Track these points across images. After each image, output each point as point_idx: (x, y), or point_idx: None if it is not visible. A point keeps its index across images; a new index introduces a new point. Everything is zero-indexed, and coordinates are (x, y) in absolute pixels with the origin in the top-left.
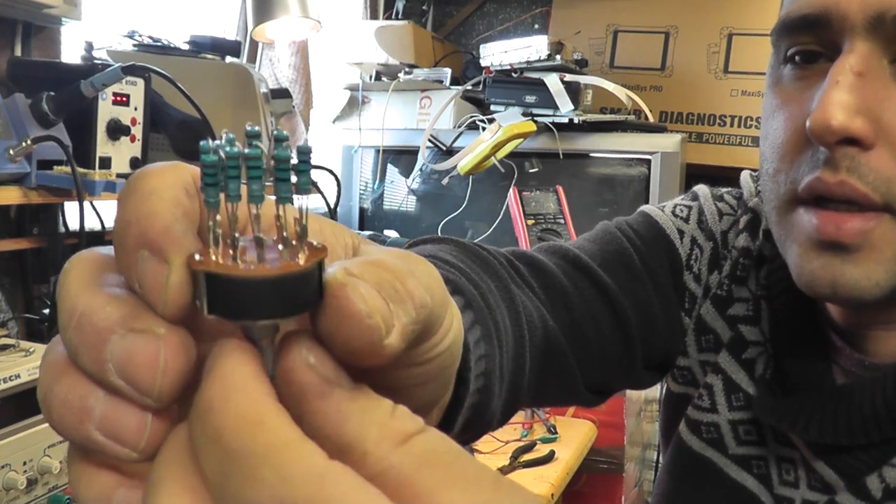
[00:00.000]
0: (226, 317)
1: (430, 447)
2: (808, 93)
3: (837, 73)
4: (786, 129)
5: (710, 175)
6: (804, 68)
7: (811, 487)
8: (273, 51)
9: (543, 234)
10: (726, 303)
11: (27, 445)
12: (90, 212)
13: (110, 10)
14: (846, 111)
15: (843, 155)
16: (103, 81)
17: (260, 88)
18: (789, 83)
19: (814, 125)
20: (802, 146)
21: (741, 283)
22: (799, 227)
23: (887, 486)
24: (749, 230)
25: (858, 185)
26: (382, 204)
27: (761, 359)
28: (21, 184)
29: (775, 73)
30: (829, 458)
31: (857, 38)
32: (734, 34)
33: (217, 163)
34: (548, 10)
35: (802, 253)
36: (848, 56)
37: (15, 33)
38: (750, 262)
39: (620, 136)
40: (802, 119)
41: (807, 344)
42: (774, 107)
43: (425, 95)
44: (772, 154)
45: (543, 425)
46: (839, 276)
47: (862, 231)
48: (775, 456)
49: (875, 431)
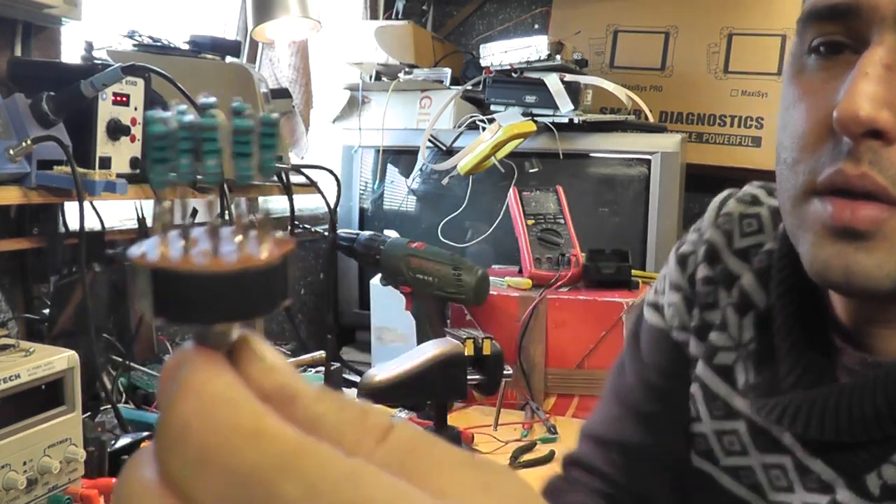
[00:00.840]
0: (175, 320)
1: (408, 436)
2: (831, 84)
3: (867, 65)
4: (808, 119)
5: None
6: (829, 59)
7: (808, 489)
8: (273, 51)
9: (543, 234)
10: (704, 329)
11: (27, 445)
12: (90, 212)
13: (110, 10)
14: (874, 103)
15: (867, 148)
16: (103, 81)
17: (260, 88)
18: (812, 73)
19: (841, 115)
20: (825, 137)
21: (712, 307)
22: (814, 215)
23: (885, 483)
24: (707, 259)
25: (879, 178)
26: (382, 204)
27: (739, 364)
28: (21, 184)
29: (798, 61)
30: (827, 456)
31: (888, 30)
32: (734, 34)
33: (167, 135)
34: (548, 10)
35: (816, 241)
36: (877, 48)
37: (15, 33)
38: (713, 286)
39: (620, 136)
40: (825, 110)
41: (808, 343)
42: (796, 97)
43: (425, 95)
44: (792, 144)
45: (543, 425)
46: (853, 263)
47: (876, 220)
48: (760, 464)
49: (876, 429)
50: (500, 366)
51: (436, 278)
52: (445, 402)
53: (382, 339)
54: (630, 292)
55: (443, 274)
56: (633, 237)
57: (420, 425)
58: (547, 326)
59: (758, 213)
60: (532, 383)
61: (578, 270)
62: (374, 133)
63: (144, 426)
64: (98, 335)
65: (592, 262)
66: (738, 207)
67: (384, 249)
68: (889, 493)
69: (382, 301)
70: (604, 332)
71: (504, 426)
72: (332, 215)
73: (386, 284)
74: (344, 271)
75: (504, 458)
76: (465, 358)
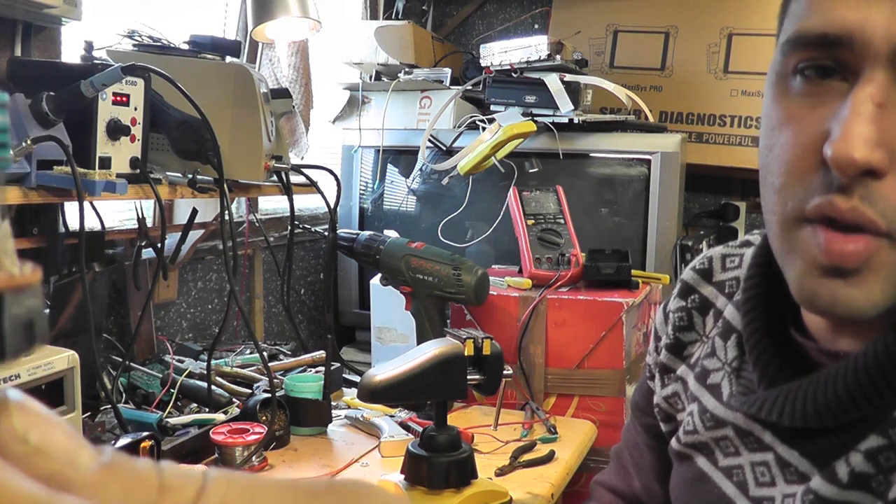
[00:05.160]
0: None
1: (221, 494)
2: (819, 111)
3: (859, 104)
4: (795, 145)
5: (710, 175)
6: (816, 83)
7: (788, 481)
8: (273, 51)
9: (543, 234)
10: (678, 347)
11: None
12: (90, 212)
13: (110, 10)
14: (868, 145)
15: (859, 183)
16: (103, 81)
17: (260, 88)
18: (799, 98)
19: (836, 156)
20: (813, 166)
21: (686, 329)
22: (804, 244)
23: (853, 470)
24: (680, 295)
25: (869, 212)
26: (382, 204)
27: (725, 380)
28: (21, 184)
29: (782, 82)
30: (801, 445)
31: (879, 66)
32: (734, 34)
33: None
34: (548, 10)
35: (806, 270)
36: (868, 85)
37: (15, 33)
38: (686, 312)
39: (620, 136)
40: (813, 138)
41: (777, 349)
42: (781, 120)
43: (425, 95)
44: (778, 169)
45: (543, 425)
46: (841, 296)
47: (865, 255)
48: (749, 463)
49: (840, 414)
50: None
51: (436, 278)
52: (445, 402)
53: (382, 339)
54: (630, 292)
55: (443, 274)
56: (633, 237)
57: (420, 425)
58: (547, 326)
59: (742, 253)
60: (532, 383)
61: (578, 270)
62: (374, 133)
63: (144, 426)
64: (98, 335)
65: (592, 262)
66: (723, 250)
67: (384, 249)
68: (857, 481)
69: (382, 301)
70: (604, 332)
71: (504, 426)
72: (332, 215)
73: (386, 284)
74: (344, 271)
75: (504, 458)
76: (465, 358)
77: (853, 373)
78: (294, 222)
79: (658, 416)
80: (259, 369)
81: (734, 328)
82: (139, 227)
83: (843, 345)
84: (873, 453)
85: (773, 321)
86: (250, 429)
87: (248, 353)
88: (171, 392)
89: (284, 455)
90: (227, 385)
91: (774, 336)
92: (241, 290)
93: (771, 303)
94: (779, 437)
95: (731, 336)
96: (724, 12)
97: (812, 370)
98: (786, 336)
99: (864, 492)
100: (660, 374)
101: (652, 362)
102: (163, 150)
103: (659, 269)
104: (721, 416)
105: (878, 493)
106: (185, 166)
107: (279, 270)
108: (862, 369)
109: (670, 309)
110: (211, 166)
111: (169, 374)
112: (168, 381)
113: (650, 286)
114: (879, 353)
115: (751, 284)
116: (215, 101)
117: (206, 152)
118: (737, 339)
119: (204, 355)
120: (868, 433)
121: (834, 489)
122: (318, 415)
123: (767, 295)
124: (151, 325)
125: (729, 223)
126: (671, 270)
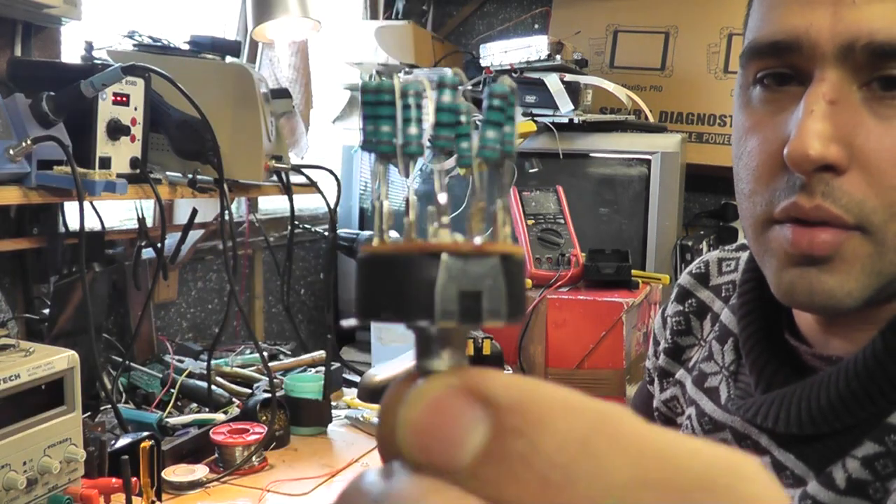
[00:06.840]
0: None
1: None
2: (779, 116)
3: (811, 103)
4: (760, 152)
5: (710, 175)
6: (774, 91)
7: (784, 485)
8: (273, 51)
9: (543, 234)
10: (677, 352)
11: (27, 445)
12: (90, 212)
13: (110, 10)
14: (822, 140)
15: (819, 180)
16: (103, 81)
17: (260, 88)
18: (760, 106)
19: (792, 154)
20: (778, 170)
21: (684, 334)
22: (776, 241)
23: (849, 476)
24: (677, 299)
25: (833, 208)
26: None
27: (723, 384)
28: (21, 184)
29: (745, 93)
30: (798, 449)
31: (828, 65)
32: (734, 34)
33: None
34: (548, 10)
35: (780, 265)
36: (820, 84)
37: (15, 33)
38: (683, 316)
39: (620, 136)
40: (776, 143)
41: (772, 353)
42: (746, 129)
43: None
44: (747, 176)
45: None
46: (816, 284)
47: (833, 244)
48: None
49: (834, 419)
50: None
51: None
52: None
53: (382, 339)
54: (630, 292)
55: None
56: (633, 237)
57: None
58: (547, 326)
59: (738, 257)
60: None
61: (578, 270)
62: None
63: (144, 426)
64: (98, 335)
65: (592, 262)
66: (719, 254)
67: None
68: (854, 487)
69: None
70: (604, 332)
71: None
72: (332, 215)
73: None
74: (344, 271)
75: None
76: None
77: (844, 379)
78: (294, 222)
79: (658, 420)
80: (259, 369)
81: (731, 332)
82: (139, 227)
83: (835, 348)
84: (870, 460)
85: (768, 325)
86: (250, 429)
87: (248, 353)
88: (171, 392)
89: (284, 455)
90: (227, 385)
91: (770, 340)
92: (241, 290)
93: (766, 306)
94: (775, 440)
95: (728, 340)
96: (724, 12)
97: (807, 374)
98: (781, 339)
99: (861, 498)
100: (659, 379)
101: (651, 366)
102: (163, 150)
103: (659, 269)
104: (719, 420)
105: (876, 500)
106: (185, 166)
107: (279, 270)
108: (853, 376)
109: (668, 313)
110: (211, 166)
111: (169, 373)
112: (168, 380)
113: (650, 286)
114: (869, 360)
115: (746, 289)
116: (215, 102)
117: (206, 152)
118: (733, 343)
119: (204, 355)
120: (863, 438)
121: (832, 495)
122: (318, 415)
123: (762, 299)
124: (151, 325)
125: (729, 223)
126: (671, 270)
